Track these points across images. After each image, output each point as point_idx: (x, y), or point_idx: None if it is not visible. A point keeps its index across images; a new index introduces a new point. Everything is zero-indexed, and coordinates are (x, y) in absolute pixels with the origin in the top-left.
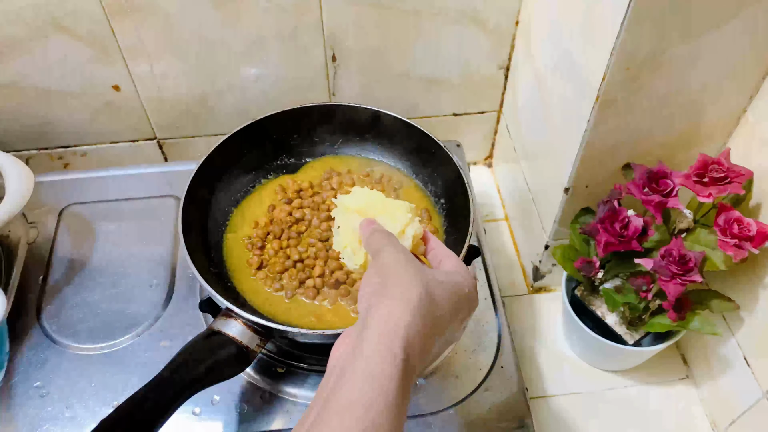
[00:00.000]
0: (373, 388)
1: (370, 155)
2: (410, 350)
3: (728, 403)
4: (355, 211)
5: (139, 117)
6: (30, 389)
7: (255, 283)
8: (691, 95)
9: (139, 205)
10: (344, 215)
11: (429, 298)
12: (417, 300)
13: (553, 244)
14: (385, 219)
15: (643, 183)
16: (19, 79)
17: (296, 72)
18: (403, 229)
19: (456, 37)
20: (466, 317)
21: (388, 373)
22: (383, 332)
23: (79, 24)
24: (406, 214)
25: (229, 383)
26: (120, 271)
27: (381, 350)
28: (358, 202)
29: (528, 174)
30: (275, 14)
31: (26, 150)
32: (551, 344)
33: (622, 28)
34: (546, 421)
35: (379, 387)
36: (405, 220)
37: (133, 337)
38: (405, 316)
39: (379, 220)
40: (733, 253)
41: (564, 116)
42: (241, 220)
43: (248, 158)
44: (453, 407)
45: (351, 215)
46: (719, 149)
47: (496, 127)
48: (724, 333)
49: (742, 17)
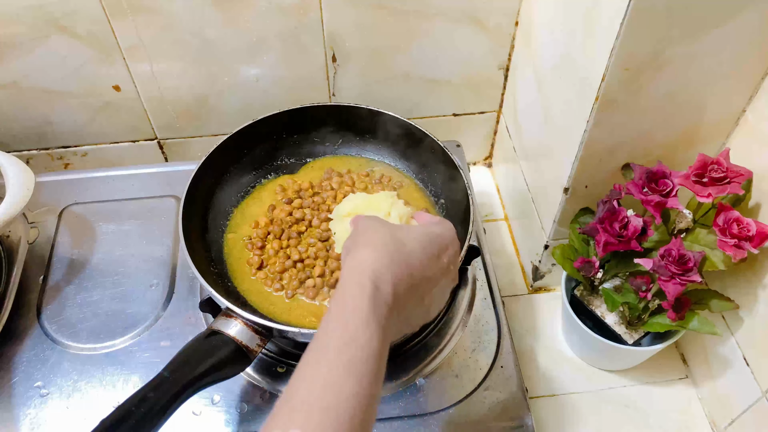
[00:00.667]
0: (346, 309)
1: (370, 155)
2: (379, 281)
3: (728, 403)
4: (347, 214)
5: (140, 117)
6: (30, 389)
7: (255, 283)
8: (691, 95)
9: (139, 205)
10: (340, 222)
11: (395, 239)
12: (381, 242)
13: (553, 244)
14: (372, 212)
15: (643, 183)
16: (19, 79)
17: (296, 72)
18: (388, 211)
19: (456, 37)
20: (443, 256)
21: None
22: (352, 268)
23: (79, 24)
24: (388, 200)
25: (229, 383)
26: (120, 271)
27: (351, 282)
28: (348, 207)
29: (528, 174)
30: (275, 14)
31: (26, 150)
32: (551, 344)
33: (621, 28)
34: (546, 421)
35: (352, 308)
36: (387, 206)
37: (133, 337)
38: (370, 255)
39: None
40: (732, 253)
41: (564, 116)
42: (241, 220)
43: (248, 158)
44: (453, 407)
45: (345, 220)
46: (719, 149)
47: (495, 128)
48: (723, 333)
49: (742, 17)
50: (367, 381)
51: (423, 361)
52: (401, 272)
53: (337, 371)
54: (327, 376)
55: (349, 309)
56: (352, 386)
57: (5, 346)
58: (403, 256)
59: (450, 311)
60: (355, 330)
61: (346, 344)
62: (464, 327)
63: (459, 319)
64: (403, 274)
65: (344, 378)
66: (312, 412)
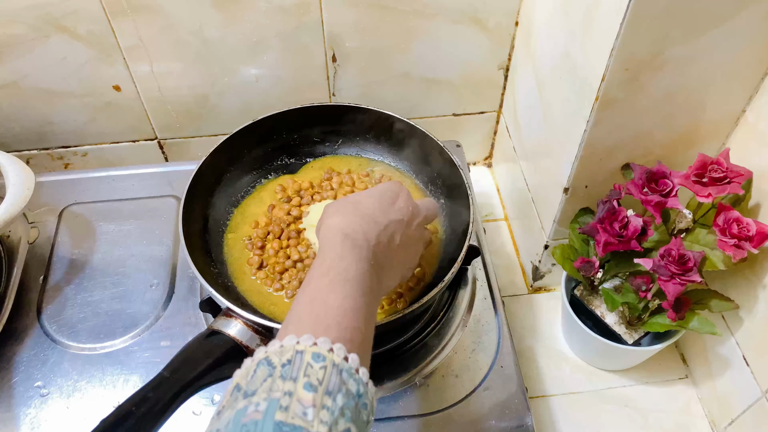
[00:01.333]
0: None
1: (370, 155)
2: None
3: (727, 403)
4: None
5: (140, 117)
6: (30, 389)
7: (255, 282)
8: (691, 95)
9: (139, 205)
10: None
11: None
12: (342, 208)
13: (553, 244)
14: None
15: (643, 183)
16: (19, 79)
17: (296, 72)
18: None
19: (456, 37)
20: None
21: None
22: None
23: (80, 24)
24: None
25: (229, 383)
26: (120, 271)
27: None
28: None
29: (527, 174)
30: (275, 14)
31: (27, 150)
32: (551, 344)
33: (621, 28)
34: (546, 421)
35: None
36: None
37: (133, 337)
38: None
39: None
40: (732, 252)
41: (564, 116)
42: (241, 220)
43: (248, 158)
44: (453, 407)
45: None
46: (719, 149)
47: (495, 128)
48: (723, 333)
49: (742, 17)
50: (351, 298)
51: (423, 361)
52: (366, 222)
53: (320, 290)
54: (312, 293)
55: (326, 253)
56: (335, 299)
57: (5, 346)
58: (362, 209)
59: (450, 311)
60: (331, 262)
61: (324, 273)
62: (464, 327)
63: (459, 319)
64: (368, 223)
65: (326, 293)
66: (302, 321)
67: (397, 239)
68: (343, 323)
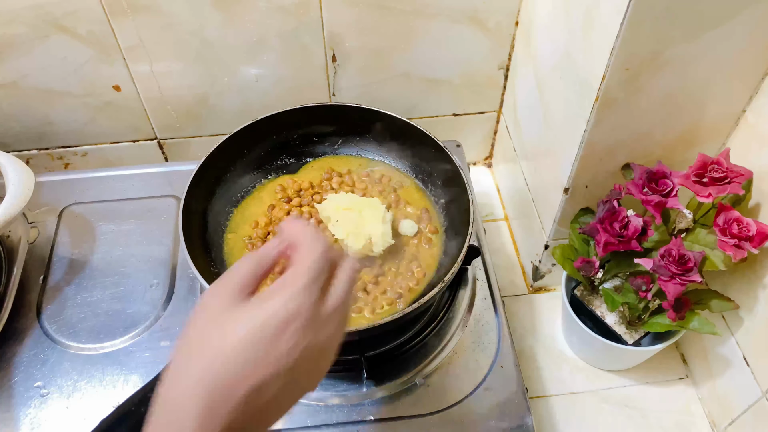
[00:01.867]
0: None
1: (370, 155)
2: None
3: (727, 403)
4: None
5: (140, 117)
6: (30, 389)
7: None
8: (691, 95)
9: (139, 205)
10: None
11: (202, 345)
12: (187, 356)
13: (553, 244)
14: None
15: (643, 183)
16: (19, 79)
17: (296, 72)
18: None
19: (456, 37)
20: (279, 342)
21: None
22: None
23: (79, 24)
24: (380, 206)
25: None
26: (120, 271)
27: (157, 414)
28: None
29: (528, 174)
30: (275, 14)
31: (26, 150)
32: (551, 344)
33: (621, 28)
34: (546, 421)
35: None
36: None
37: (133, 337)
38: (172, 382)
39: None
40: (732, 252)
41: (564, 116)
42: (241, 220)
43: (248, 158)
44: (453, 407)
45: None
46: (719, 149)
47: (495, 128)
48: (723, 333)
49: (742, 17)
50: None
51: (423, 361)
52: (216, 397)
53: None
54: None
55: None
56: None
57: (5, 346)
58: (215, 373)
59: (450, 311)
60: None
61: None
62: (464, 327)
63: (459, 319)
64: (219, 397)
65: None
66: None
67: (269, 394)
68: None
